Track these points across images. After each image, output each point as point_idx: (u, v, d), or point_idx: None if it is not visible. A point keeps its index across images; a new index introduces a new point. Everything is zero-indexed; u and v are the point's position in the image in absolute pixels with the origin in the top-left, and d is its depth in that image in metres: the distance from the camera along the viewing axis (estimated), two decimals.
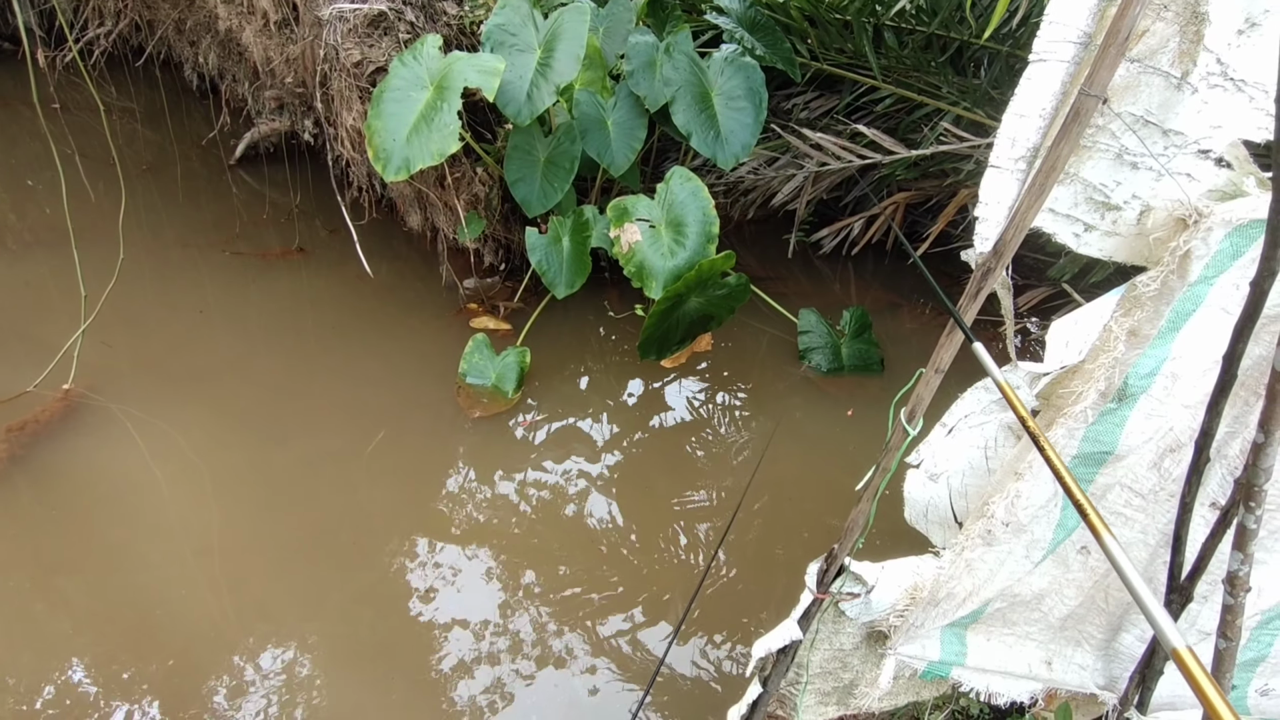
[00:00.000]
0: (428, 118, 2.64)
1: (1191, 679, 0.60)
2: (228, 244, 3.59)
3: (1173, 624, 0.64)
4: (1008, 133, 0.98)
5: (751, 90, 3.13)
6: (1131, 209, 0.99)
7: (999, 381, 0.99)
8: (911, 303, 3.70)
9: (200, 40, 3.84)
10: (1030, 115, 0.97)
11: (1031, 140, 0.98)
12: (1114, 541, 0.82)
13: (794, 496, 2.71)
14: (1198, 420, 1.12)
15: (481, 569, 2.39)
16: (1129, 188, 0.99)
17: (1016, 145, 0.99)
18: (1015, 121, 0.97)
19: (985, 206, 1.02)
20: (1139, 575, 0.76)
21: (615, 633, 2.24)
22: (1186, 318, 1.01)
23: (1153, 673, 1.46)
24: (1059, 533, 1.18)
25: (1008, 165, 1.00)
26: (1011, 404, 0.98)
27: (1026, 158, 0.99)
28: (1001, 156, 1.00)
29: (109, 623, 2.15)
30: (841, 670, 1.38)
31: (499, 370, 2.93)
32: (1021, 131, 0.98)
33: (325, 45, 2.79)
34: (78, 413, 2.69)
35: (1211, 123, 0.92)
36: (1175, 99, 0.92)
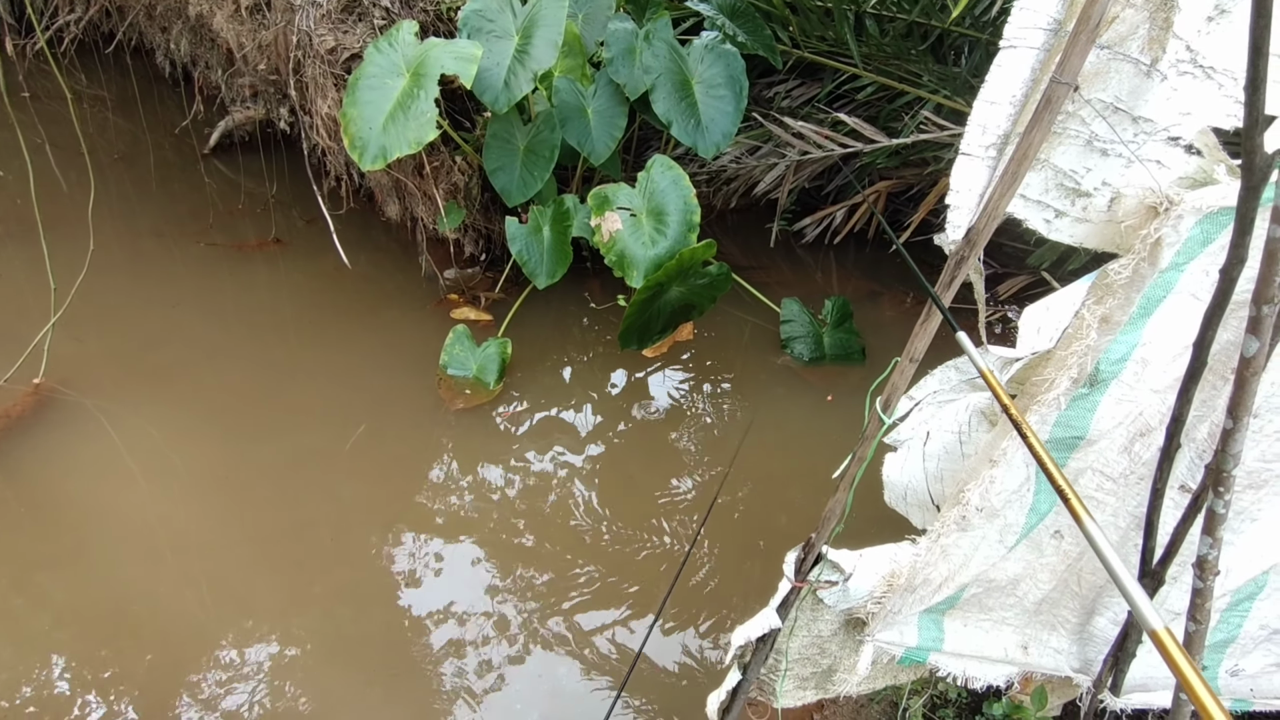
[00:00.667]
0: (404, 105, 2.60)
1: (1170, 660, 0.61)
2: (202, 235, 3.53)
3: (1151, 605, 0.64)
4: (979, 120, 0.98)
5: (732, 78, 3.11)
6: (1102, 195, 0.99)
7: (981, 368, 0.99)
8: (892, 291, 3.72)
9: (172, 26, 3.75)
10: (1001, 102, 0.96)
11: (1002, 127, 0.97)
12: (1094, 525, 0.82)
13: (775, 485, 2.72)
14: (1167, 405, 1.13)
15: (464, 561, 2.38)
16: (1099, 174, 0.99)
17: (987, 133, 0.98)
18: (986, 109, 0.97)
19: (957, 194, 1.02)
20: (1119, 558, 0.77)
21: (598, 622, 2.24)
22: (1157, 304, 1.02)
23: (1125, 655, 1.48)
24: (1031, 517, 1.19)
25: (979, 153, 1.00)
26: (994, 390, 0.98)
27: (997, 145, 0.99)
28: (972, 144, 1.00)
29: (88, 619, 2.12)
30: (820, 656, 1.39)
31: (480, 361, 2.91)
32: (992, 119, 0.98)
33: (298, 31, 2.74)
34: (50, 407, 2.65)
35: (1181, 110, 0.92)
36: (1145, 86, 0.92)
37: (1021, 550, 1.25)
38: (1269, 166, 0.90)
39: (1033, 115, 0.89)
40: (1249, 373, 1.02)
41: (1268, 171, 0.91)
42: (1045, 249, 3.17)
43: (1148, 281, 1.00)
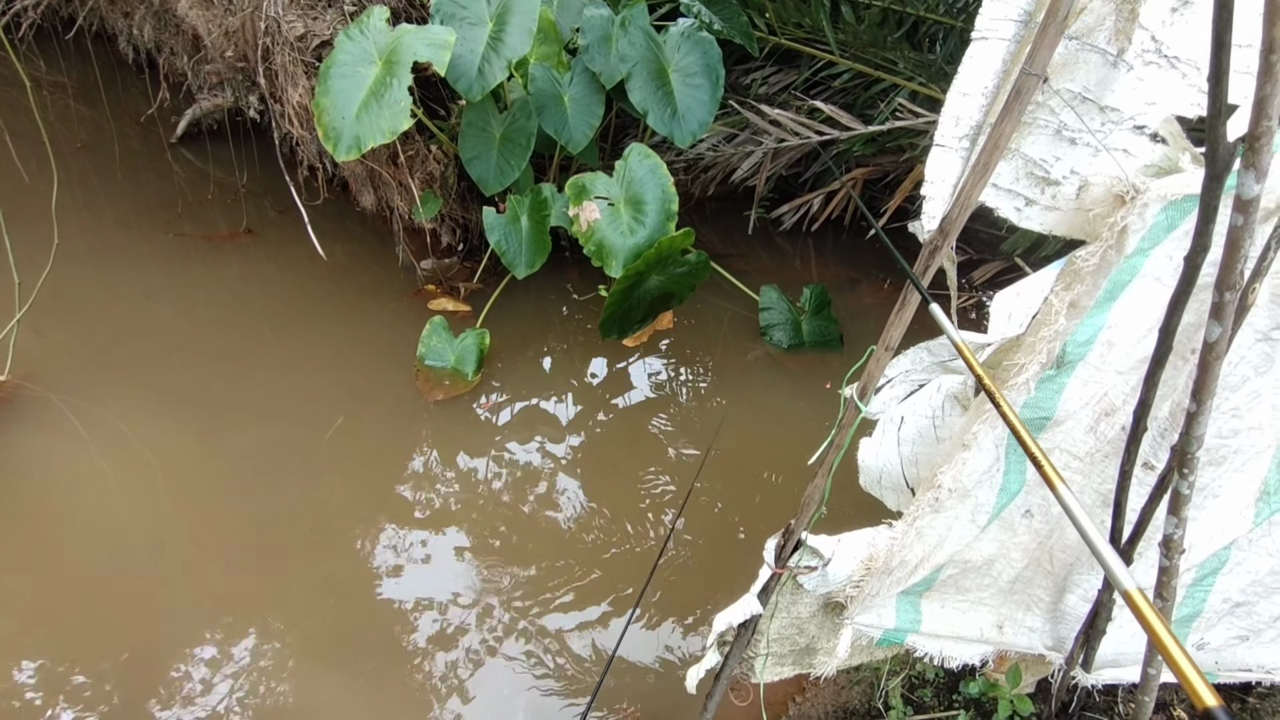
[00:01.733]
0: (377, 94, 2.56)
1: (1143, 619, 0.62)
2: (171, 225, 3.45)
3: (1124, 567, 0.66)
4: (952, 111, 0.99)
5: (708, 66, 3.10)
6: (1070, 184, 1.01)
7: (955, 341, 1.00)
8: (870, 278, 3.75)
9: (134, 12, 3.65)
10: (973, 93, 0.97)
11: (974, 118, 0.98)
12: (1067, 491, 0.83)
13: (755, 473, 2.75)
14: (1131, 385, 1.16)
15: (447, 552, 2.37)
16: (1067, 163, 1.01)
17: (960, 124, 1.00)
18: (959, 100, 0.98)
19: (931, 185, 1.03)
20: (1091, 521, 0.78)
21: (583, 611, 2.25)
22: (1123, 288, 1.04)
23: (1096, 633, 1.53)
24: (1002, 497, 1.21)
25: (952, 144, 1.01)
26: (969, 363, 0.99)
27: (970, 135, 1.00)
28: (946, 135, 1.01)
29: (58, 620, 2.08)
30: (798, 635, 1.42)
31: (458, 352, 2.89)
32: (965, 110, 0.99)
33: (266, 18, 2.68)
34: (16, 404, 2.59)
35: (1147, 99, 0.94)
36: (1112, 76, 0.94)
37: (994, 530, 1.28)
38: (1231, 155, 0.92)
39: (1004, 106, 0.90)
40: (1212, 357, 1.05)
41: (1230, 160, 0.93)
42: (1019, 235, 3.21)
43: (1114, 266, 1.02)
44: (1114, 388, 1.16)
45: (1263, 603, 1.46)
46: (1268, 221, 1.05)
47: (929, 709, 1.82)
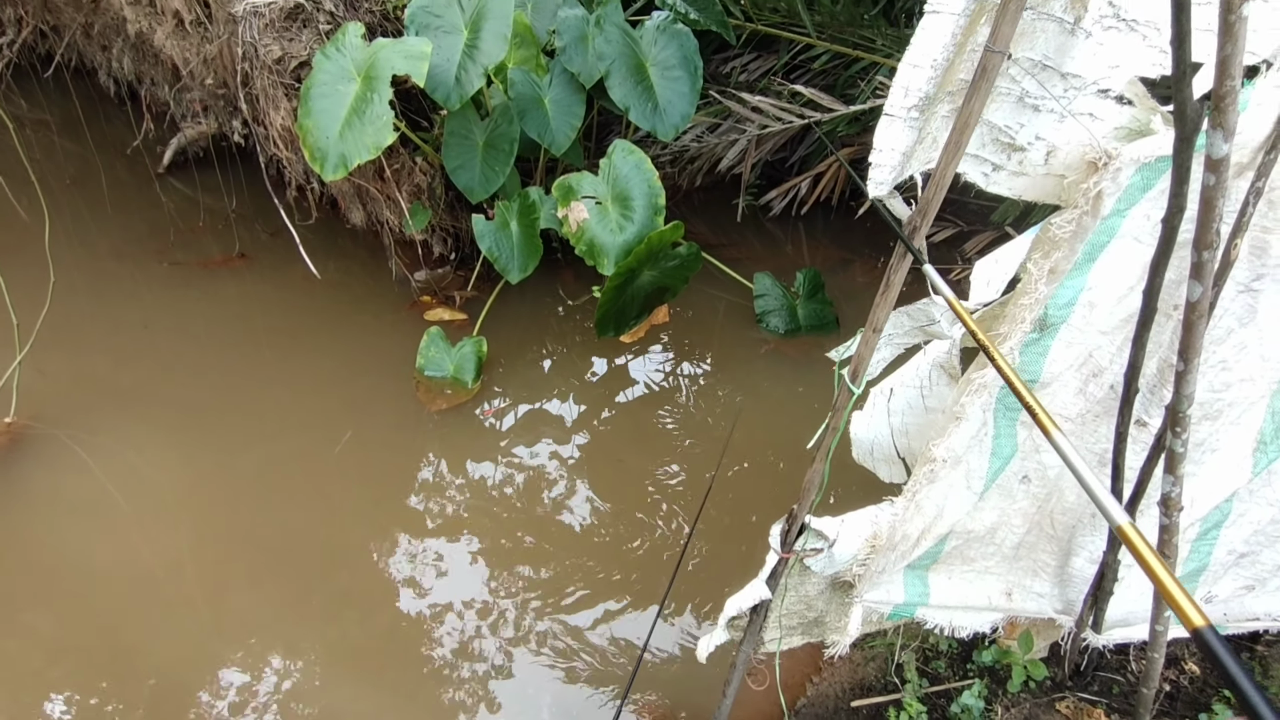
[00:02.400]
0: (359, 111, 2.57)
1: (1136, 552, 0.64)
2: (165, 254, 3.47)
3: (1115, 502, 0.67)
4: (902, 82, 1.02)
5: (686, 58, 3.11)
6: (1036, 150, 1.04)
7: (948, 298, 1.02)
8: (862, 258, 3.76)
9: (112, 45, 3.66)
10: (923, 66, 1.01)
11: (923, 89, 1.02)
12: (1061, 436, 0.84)
13: (761, 459, 2.77)
14: (1116, 345, 1.17)
15: (461, 559, 2.40)
16: (1032, 129, 1.03)
17: (909, 94, 1.03)
18: (909, 71, 1.01)
19: (879, 153, 1.07)
20: (1082, 459, 0.80)
21: (600, 612, 2.27)
22: (1101, 249, 1.06)
23: (1104, 594, 1.54)
24: (994, 461, 1.23)
25: (900, 114, 1.04)
26: (960, 317, 1.01)
27: (919, 106, 1.03)
28: (895, 105, 1.04)
29: (84, 652, 2.11)
30: (807, 610, 1.44)
31: (456, 361, 2.91)
32: (914, 81, 1.02)
33: (243, 43, 2.69)
34: (24, 444, 2.61)
35: (1109, 63, 0.96)
36: (1070, 43, 0.96)
37: (994, 498, 1.30)
38: (1199, 116, 0.94)
39: (971, 84, 0.92)
40: (1195, 316, 1.06)
41: (1199, 121, 0.94)
42: (1007, 205, 3.22)
43: (1090, 230, 1.04)
44: (1099, 348, 1.17)
45: (1266, 552, 1.48)
46: (1242, 176, 1.07)
47: (944, 680, 1.84)
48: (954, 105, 1.03)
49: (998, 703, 1.75)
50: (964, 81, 0.99)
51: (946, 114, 1.02)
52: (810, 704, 1.89)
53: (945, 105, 1.01)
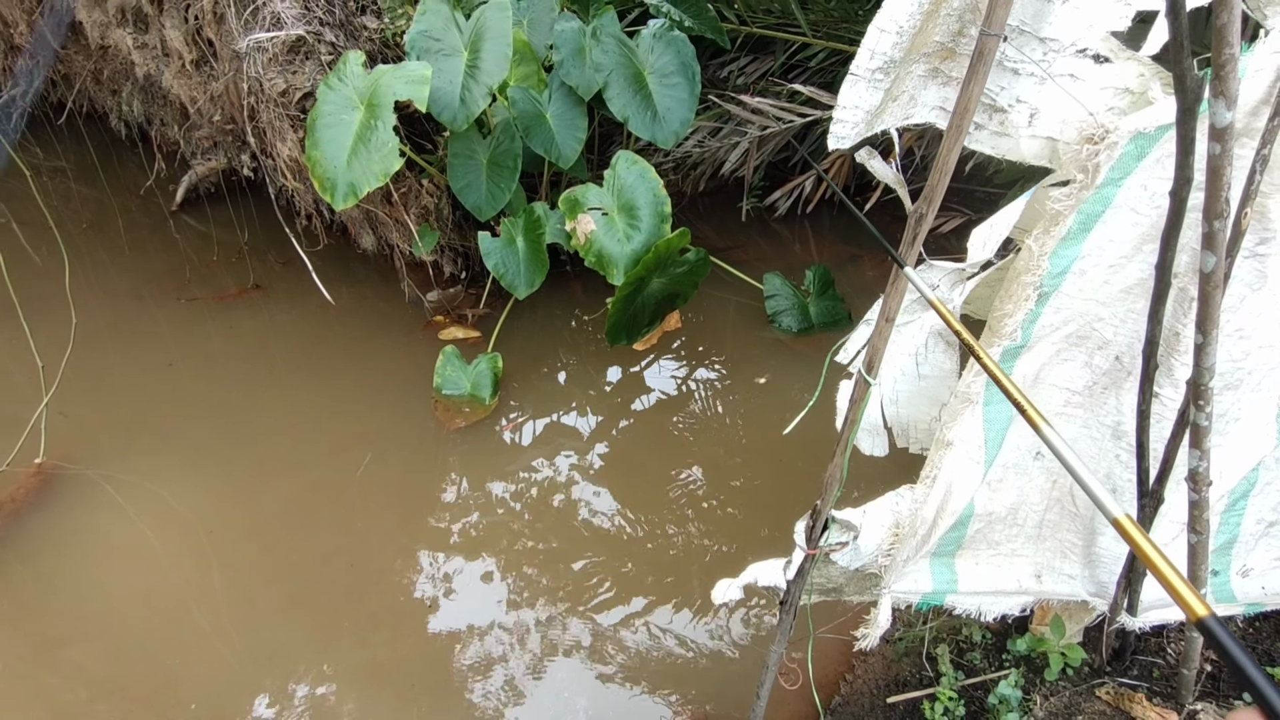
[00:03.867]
0: (364, 138, 2.61)
1: (1133, 543, 0.63)
2: (182, 291, 3.53)
3: (1108, 494, 0.67)
4: (869, 45, 1.06)
5: (683, 64, 3.13)
6: (1018, 112, 1.07)
7: (932, 300, 1.03)
8: (871, 252, 3.75)
9: (121, 89, 3.75)
10: (889, 30, 1.05)
11: (888, 53, 1.06)
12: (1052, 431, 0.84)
13: (783, 459, 2.76)
14: (1117, 317, 1.17)
15: (486, 575, 2.41)
16: (1012, 92, 1.06)
17: (875, 57, 1.07)
18: (876, 35, 1.06)
19: (843, 110, 1.12)
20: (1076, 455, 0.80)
21: (628, 621, 2.27)
22: (1096, 219, 1.07)
23: (1137, 575, 1.52)
24: (989, 428, 1.23)
25: (865, 75, 1.09)
26: (946, 320, 1.02)
27: (883, 69, 1.07)
28: (861, 66, 1.08)
29: (124, 686, 2.14)
30: (826, 583, 1.44)
31: (473, 379, 2.93)
32: (880, 45, 1.06)
33: (248, 78, 2.74)
34: (55, 485, 2.66)
35: (1084, 23, 0.98)
36: (1047, 9, 0.99)
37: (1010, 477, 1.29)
38: (1200, 86, 0.93)
39: (969, 69, 0.92)
40: (1210, 287, 1.06)
41: (1200, 90, 0.94)
42: (1017, 188, 3.20)
43: (1084, 199, 1.04)
44: (1101, 320, 1.18)
45: None
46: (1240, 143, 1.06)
47: (980, 671, 1.82)
48: (930, 65, 1.06)
49: (1036, 692, 1.72)
50: (939, 44, 1.03)
51: (923, 73, 1.06)
52: (845, 702, 1.88)
53: (921, 65, 1.05)
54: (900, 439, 1.56)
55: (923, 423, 1.51)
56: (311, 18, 2.75)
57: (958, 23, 1.00)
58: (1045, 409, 1.31)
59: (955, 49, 1.03)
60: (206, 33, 2.83)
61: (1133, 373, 1.23)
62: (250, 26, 2.67)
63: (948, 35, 1.01)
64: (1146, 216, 1.06)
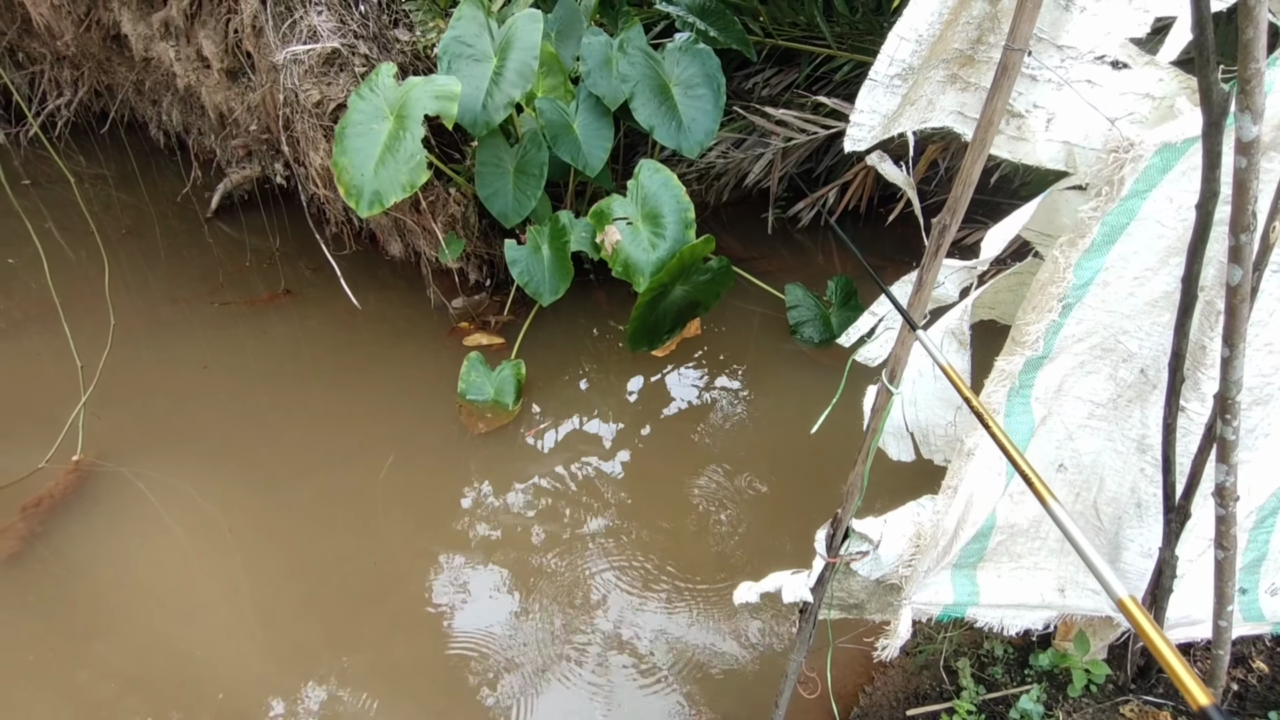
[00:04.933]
0: (392, 149, 2.67)
1: (1137, 625, 0.64)
2: (215, 295, 3.62)
3: (1114, 574, 0.67)
4: (888, 52, 1.08)
5: (709, 76, 3.16)
6: (1036, 117, 1.08)
7: (942, 365, 1.05)
8: (894, 263, 3.74)
9: (161, 99, 3.86)
10: (909, 39, 1.06)
11: (906, 60, 1.08)
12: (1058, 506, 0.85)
13: (803, 469, 2.76)
14: (1142, 329, 1.17)
15: (507, 578, 2.43)
16: (1029, 98, 1.08)
17: (894, 64, 1.09)
18: (895, 42, 1.07)
19: (860, 114, 1.14)
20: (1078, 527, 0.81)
21: (646, 627, 2.28)
22: (1121, 231, 1.07)
23: (1163, 592, 1.50)
24: (1010, 434, 1.23)
25: (884, 80, 1.10)
26: (957, 388, 1.03)
27: (901, 75, 1.09)
28: (879, 72, 1.10)
29: (151, 681, 2.19)
30: (847, 597, 1.44)
31: (497, 385, 2.97)
32: (899, 52, 1.08)
33: (284, 89, 2.82)
34: (90, 481, 2.73)
35: (1101, 31, 0.99)
36: (1065, 18, 1.00)
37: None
38: (1226, 100, 0.94)
39: (993, 83, 0.94)
40: (1237, 300, 1.05)
41: (1226, 104, 0.94)
42: None
43: (1108, 210, 1.05)
44: (1126, 333, 1.18)
45: None
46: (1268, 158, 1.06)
47: (1001, 686, 1.81)
48: (949, 71, 1.08)
49: (1059, 708, 1.70)
50: (958, 51, 1.04)
51: (942, 79, 1.08)
52: (864, 713, 1.87)
53: (940, 71, 1.07)
54: (923, 447, 1.56)
55: (939, 427, 1.51)
56: (346, 31, 2.83)
57: (976, 31, 1.01)
58: (1069, 421, 1.31)
59: (974, 56, 1.05)
60: (245, 45, 2.92)
61: (1158, 386, 1.23)
62: (288, 39, 2.75)
63: (966, 43, 1.02)
64: (1172, 229, 1.06)
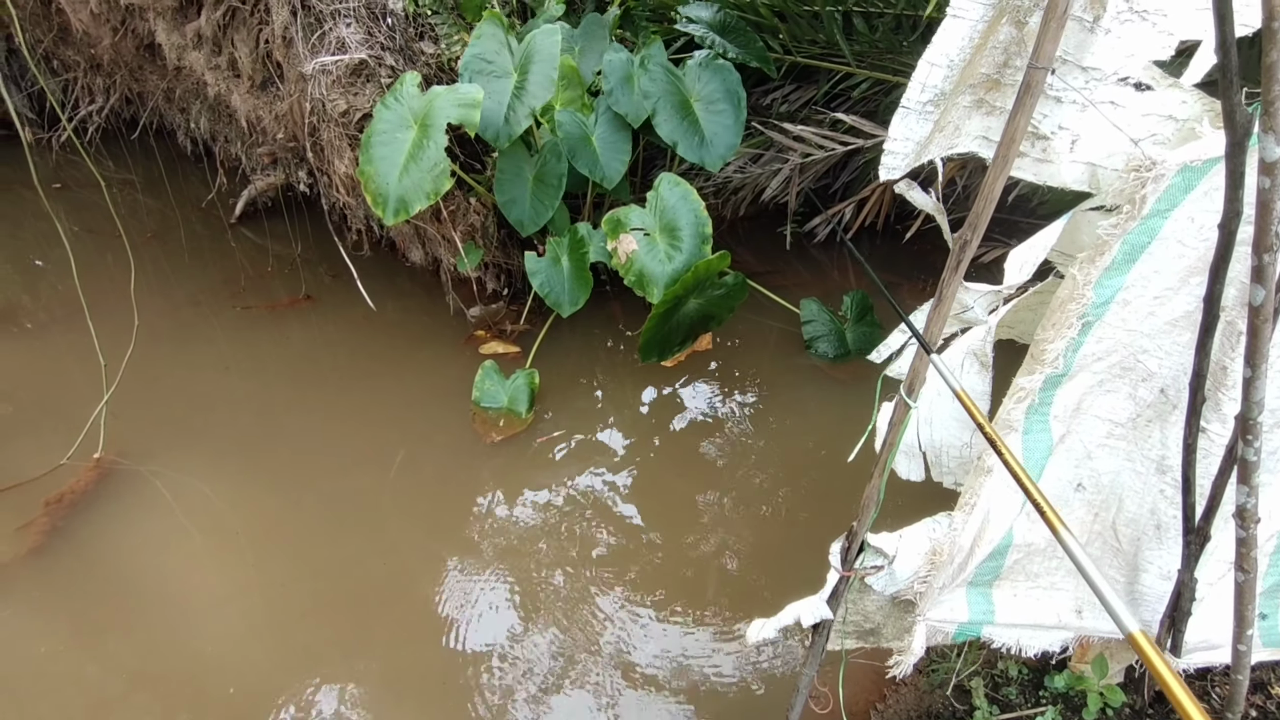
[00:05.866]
0: (416, 157, 2.71)
1: (1148, 660, 0.64)
2: (236, 299, 3.67)
3: (1125, 607, 0.68)
4: (919, 79, 1.09)
5: (730, 92, 3.19)
6: (1060, 138, 1.09)
7: (956, 390, 1.05)
8: (910, 280, 3.74)
9: (190, 107, 3.95)
10: (940, 65, 1.07)
11: (939, 86, 1.08)
12: (1070, 537, 0.85)
13: (816, 482, 2.75)
14: (1162, 349, 1.17)
15: (516, 587, 2.43)
16: (1054, 120, 1.08)
17: (925, 90, 1.10)
18: (927, 69, 1.08)
19: (894, 142, 1.14)
20: (1096, 550, 0.81)
21: (656, 640, 2.27)
22: (1142, 250, 1.07)
23: (1181, 614, 1.49)
24: (1029, 457, 1.23)
25: (916, 107, 1.11)
26: (970, 413, 1.04)
27: (933, 101, 1.10)
28: (911, 99, 1.11)
29: (160, 680, 2.20)
30: (864, 621, 1.43)
31: (510, 393, 2.99)
32: (931, 79, 1.09)
33: (311, 99, 2.88)
34: (110, 479, 2.77)
35: (1125, 53, 1.00)
36: (1089, 40, 1.01)
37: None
38: (1249, 121, 0.94)
39: (1015, 101, 0.95)
40: (1260, 321, 1.05)
41: (1249, 125, 0.95)
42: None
43: (1130, 228, 1.05)
44: (1146, 352, 1.17)
45: None
46: None
47: (1015, 707, 1.79)
48: (975, 96, 1.08)
49: None
50: (985, 75, 1.05)
51: (968, 104, 1.08)
52: None
53: (966, 96, 1.07)
54: (934, 469, 1.55)
55: (954, 448, 1.51)
56: (374, 42, 2.89)
57: (1003, 55, 1.02)
58: (1088, 440, 1.30)
59: (1000, 80, 1.06)
60: (275, 55, 2.98)
61: (1178, 406, 1.22)
62: (317, 50, 2.81)
63: (993, 67, 1.03)
64: (1193, 249, 1.06)
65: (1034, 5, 0.96)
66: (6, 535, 2.53)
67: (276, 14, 2.88)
